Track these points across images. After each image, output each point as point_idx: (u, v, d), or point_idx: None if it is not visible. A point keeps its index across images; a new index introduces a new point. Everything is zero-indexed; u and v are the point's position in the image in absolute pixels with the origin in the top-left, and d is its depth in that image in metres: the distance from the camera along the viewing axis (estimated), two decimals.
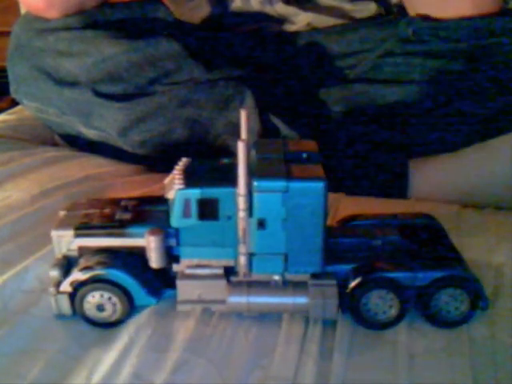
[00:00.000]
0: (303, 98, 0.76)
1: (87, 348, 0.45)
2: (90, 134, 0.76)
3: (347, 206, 0.63)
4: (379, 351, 0.45)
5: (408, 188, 0.71)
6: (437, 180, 0.70)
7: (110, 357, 0.44)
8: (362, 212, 0.55)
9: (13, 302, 0.49)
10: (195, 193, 0.45)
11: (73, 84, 0.72)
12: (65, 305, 0.47)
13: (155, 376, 0.42)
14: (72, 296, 0.47)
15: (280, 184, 0.44)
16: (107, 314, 0.47)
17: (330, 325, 0.47)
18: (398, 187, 0.71)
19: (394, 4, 0.79)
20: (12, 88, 0.80)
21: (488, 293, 0.48)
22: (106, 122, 0.72)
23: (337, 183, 0.51)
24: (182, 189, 0.45)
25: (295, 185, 0.44)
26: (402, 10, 0.79)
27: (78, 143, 0.80)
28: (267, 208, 0.44)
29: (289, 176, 0.44)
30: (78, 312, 0.47)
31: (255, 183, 0.44)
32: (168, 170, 0.50)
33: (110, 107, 0.71)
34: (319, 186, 0.44)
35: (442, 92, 0.69)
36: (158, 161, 0.75)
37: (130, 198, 0.52)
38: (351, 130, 0.74)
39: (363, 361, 0.44)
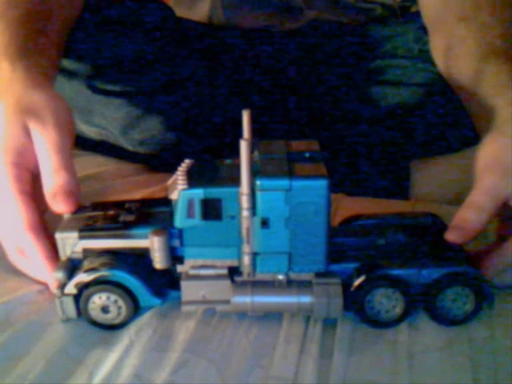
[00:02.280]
0: (304, 98, 0.76)
1: (88, 349, 0.45)
2: (91, 132, 0.76)
3: (347, 206, 0.63)
4: (379, 350, 0.45)
5: (409, 189, 0.71)
6: (437, 180, 0.70)
7: (110, 357, 0.44)
8: (364, 212, 0.55)
9: (13, 307, 0.49)
10: (198, 193, 0.45)
11: (71, 77, 0.72)
12: (69, 307, 0.47)
13: (156, 376, 0.42)
14: (77, 298, 0.47)
15: (283, 183, 0.44)
16: (111, 316, 0.47)
17: (330, 324, 0.47)
18: (399, 188, 0.72)
19: (398, 6, 0.79)
20: None
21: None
22: (106, 119, 0.72)
23: (337, 184, 0.51)
24: (186, 189, 0.45)
25: (298, 183, 0.44)
26: (405, 11, 0.79)
27: (77, 142, 0.80)
28: (270, 207, 0.44)
29: (292, 175, 0.44)
30: (82, 314, 0.47)
31: (258, 182, 0.44)
32: (169, 169, 0.50)
33: (110, 104, 0.71)
34: (322, 184, 0.44)
35: (443, 94, 0.69)
36: (158, 159, 0.75)
37: (134, 201, 0.52)
38: (353, 130, 0.74)
39: (363, 360, 0.44)
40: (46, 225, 0.50)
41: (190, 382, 0.42)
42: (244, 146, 0.43)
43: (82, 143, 0.79)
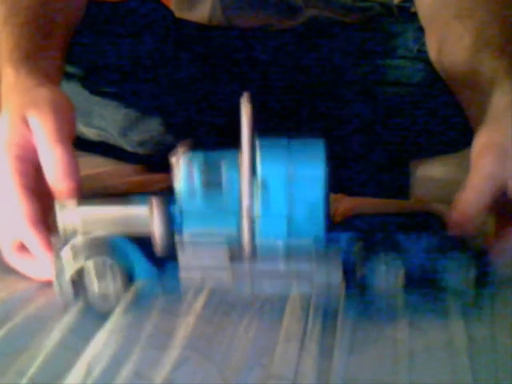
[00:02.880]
0: (303, 98, 0.76)
1: (87, 341, 0.44)
2: (90, 133, 0.76)
3: (347, 206, 0.64)
4: (380, 349, 0.45)
5: (409, 189, 0.71)
6: (437, 180, 0.71)
7: (109, 353, 0.43)
8: (362, 212, 0.55)
9: (10, 301, 0.49)
10: (198, 157, 0.45)
11: (69, 79, 0.72)
12: (67, 288, 0.47)
13: (155, 373, 0.42)
14: (75, 283, 0.47)
15: (282, 144, 0.45)
16: (107, 287, 0.47)
17: (330, 322, 0.47)
18: (399, 188, 0.72)
19: (395, 5, 0.80)
20: None
21: (488, 293, 0.48)
22: (105, 121, 0.72)
23: (337, 183, 0.51)
24: (186, 155, 0.46)
25: (297, 143, 0.45)
26: (402, 10, 0.80)
27: (77, 143, 0.80)
28: (270, 169, 0.45)
29: (290, 138, 0.45)
30: (79, 292, 0.47)
31: (258, 144, 0.44)
32: (168, 169, 0.50)
33: (108, 106, 0.71)
34: (319, 142, 0.45)
35: (443, 94, 0.69)
36: (158, 160, 0.75)
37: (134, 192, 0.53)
38: (352, 130, 0.74)
39: (364, 358, 0.44)
40: (48, 222, 0.50)
41: (189, 379, 0.42)
42: (245, 109, 0.43)
43: (81, 144, 0.79)
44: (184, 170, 0.46)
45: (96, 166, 0.74)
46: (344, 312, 0.47)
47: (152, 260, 0.48)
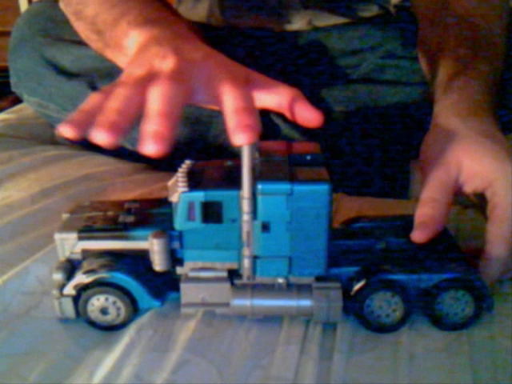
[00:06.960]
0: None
1: (88, 349, 0.45)
2: None
3: (347, 206, 0.64)
4: (379, 351, 0.45)
5: (409, 189, 0.71)
6: None
7: (111, 357, 0.44)
8: (365, 214, 0.55)
9: (13, 304, 0.49)
10: (199, 196, 0.45)
11: (71, 78, 0.72)
12: (68, 308, 0.47)
13: (156, 376, 0.42)
14: (76, 299, 0.47)
15: (284, 187, 0.44)
16: (111, 318, 0.47)
17: (330, 325, 0.47)
18: (399, 188, 0.71)
19: (394, 5, 0.79)
20: (12, 82, 0.80)
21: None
22: None
23: (337, 183, 0.51)
24: (186, 192, 0.45)
25: (299, 187, 0.44)
26: (401, 10, 0.79)
27: (78, 141, 0.80)
28: (271, 211, 0.44)
29: (293, 179, 0.44)
30: (81, 315, 0.47)
31: (259, 186, 0.44)
32: (169, 168, 0.49)
33: None
34: (324, 188, 0.44)
35: None
36: (158, 159, 0.75)
37: (134, 201, 0.52)
38: (353, 129, 0.74)
39: (363, 361, 0.44)
40: None
41: (189, 382, 0.42)
42: (246, 150, 0.42)
43: (82, 142, 0.79)
44: (184, 207, 0.45)
45: (97, 164, 0.74)
46: (345, 316, 0.47)
47: (154, 291, 0.47)
